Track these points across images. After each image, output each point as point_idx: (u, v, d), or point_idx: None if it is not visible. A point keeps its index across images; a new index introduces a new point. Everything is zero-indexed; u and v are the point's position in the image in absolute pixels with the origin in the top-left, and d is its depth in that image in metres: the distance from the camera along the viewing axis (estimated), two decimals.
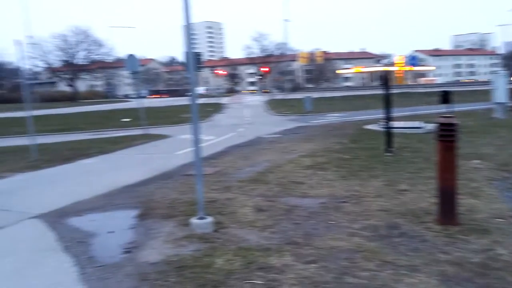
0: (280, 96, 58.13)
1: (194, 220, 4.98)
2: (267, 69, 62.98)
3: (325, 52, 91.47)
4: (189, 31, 4.79)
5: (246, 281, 3.57)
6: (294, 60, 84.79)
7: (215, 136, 15.35)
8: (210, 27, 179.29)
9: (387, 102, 9.59)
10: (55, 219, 5.82)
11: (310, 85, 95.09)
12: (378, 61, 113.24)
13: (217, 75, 49.34)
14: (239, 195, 6.58)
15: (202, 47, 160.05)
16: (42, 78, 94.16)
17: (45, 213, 6.09)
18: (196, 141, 4.95)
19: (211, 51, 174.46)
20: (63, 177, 9.09)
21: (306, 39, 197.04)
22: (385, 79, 10.33)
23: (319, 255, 4.07)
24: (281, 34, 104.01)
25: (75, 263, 4.19)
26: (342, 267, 3.78)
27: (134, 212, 6.00)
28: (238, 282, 3.56)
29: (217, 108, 35.09)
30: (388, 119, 9.68)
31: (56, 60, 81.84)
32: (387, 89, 9.62)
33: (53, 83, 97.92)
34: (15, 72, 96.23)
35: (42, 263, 4.24)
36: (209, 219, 4.98)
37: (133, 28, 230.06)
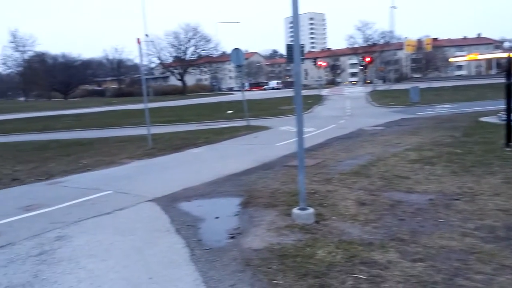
0: (383, 86, 55.65)
1: (295, 211, 5.03)
2: (370, 59, 60.41)
3: (434, 39, 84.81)
4: (297, 24, 4.79)
5: (349, 274, 3.51)
6: (399, 49, 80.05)
7: (315, 128, 15.28)
8: (312, 18, 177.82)
9: (509, 91, 8.62)
10: (167, 203, 6.31)
11: (417, 75, 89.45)
12: (497, 47, 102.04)
13: (319, 66, 48.89)
14: (340, 187, 6.48)
15: (304, 39, 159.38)
16: (156, 73, 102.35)
17: (158, 197, 6.64)
18: (299, 132, 4.97)
19: (312, 43, 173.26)
20: (174, 164, 9.80)
21: (413, 26, 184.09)
22: (507, 66, 9.28)
23: (427, 253, 3.85)
24: (387, 22, 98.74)
25: (186, 244, 4.51)
26: (454, 268, 3.53)
27: (237, 200, 6.26)
28: (340, 275, 3.52)
29: (317, 99, 34.81)
30: (510, 110, 8.70)
31: (168, 56, 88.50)
32: (508, 77, 8.64)
33: (165, 77, 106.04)
34: (133, 68, 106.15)
35: (157, 242, 4.64)
36: (310, 210, 4.99)
37: (237, 23, 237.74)
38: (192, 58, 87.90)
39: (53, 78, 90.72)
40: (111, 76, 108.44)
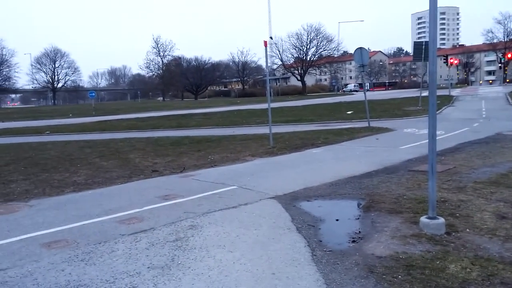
0: None
1: (423, 219, 4.72)
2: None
3: None
4: (433, 20, 4.48)
5: None
6: None
7: (444, 131, 14.12)
8: (443, 13, 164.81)
9: None
10: (288, 201, 6.45)
11: None
12: None
13: (450, 64, 44.95)
14: (474, 197, 5.91)
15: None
16: (277, 74, 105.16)
17: (279, 195, 6.81)
18: (432, 135, 4.64)
19: (442, 39, 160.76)
20: (294, 164, 9.94)
21: None
22: None
23: None
24: None
25: (307, 244, 4.56)
26: None
27: (358, 203, 6.13)
28: None
29: (446, 100, 32.13)
30: None
31: (289, 57, 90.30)
32: None
33: (286, 78, 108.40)
34: (255, 69, 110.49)
35: (280, 239, 4.77)
36: (441, 220, 4.64)
37: (361, 21, 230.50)
38: (313, 59, 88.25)
39: (186, 80, 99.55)
40: (236, 78, 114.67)
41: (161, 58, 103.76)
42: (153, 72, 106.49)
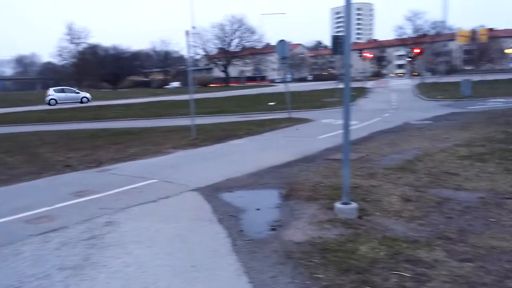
0: (432, 79, 53.60)
1: (338, 205, 4.97)
2: (419, 51, 58.22)
3: (490, 30, 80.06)
4: (349, 15, 4.68)
5: (392, 271, 3.44)
6: (451, 40, 76.49)
7: (358, 121, 14.96)
8: (359, 9, 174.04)
9: None
10: (210, 193, 6.42)
11: (469, 67, 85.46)
12: None
13: (364, 58, 47.63)
14: (384, 182, 6.34)
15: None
16: (200, 64, 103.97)
17: (201, 187, 6.76)
18: (346, 125, 4.89)
19: (358, 33, 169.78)
20: (217, 155, 9.93)
21: (467, 16, 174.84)
22: None
23: (476, 253, 3.70)
24: (439, 12, 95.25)
25: (228, 234, 4.58)
26: (505, 270, 3.37)
27: (279, 192, 6.27)
28: (384, 271, 3.45)
29: (361, 92, 34.06)
30: None
31: (213, 47, 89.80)
32: None
33: (209, 69, 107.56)
34: (178, 59, 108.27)
35: (200, 231, 4.74)
36: (353, 205, 4.92)
37: (283, 14, 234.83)
38: (236, 50, 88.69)
39: (103, 69, 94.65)
40: (157, 67, 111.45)
41: (75, 45, 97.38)
42: (66, 61, 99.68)
